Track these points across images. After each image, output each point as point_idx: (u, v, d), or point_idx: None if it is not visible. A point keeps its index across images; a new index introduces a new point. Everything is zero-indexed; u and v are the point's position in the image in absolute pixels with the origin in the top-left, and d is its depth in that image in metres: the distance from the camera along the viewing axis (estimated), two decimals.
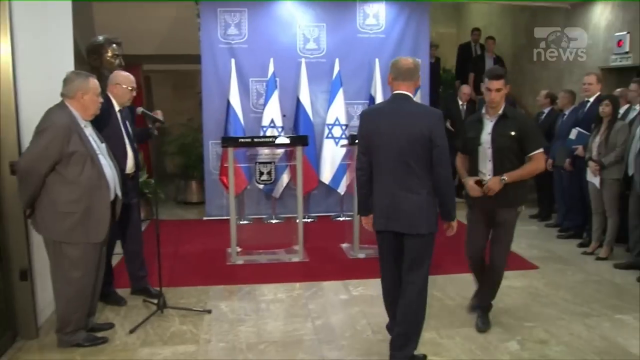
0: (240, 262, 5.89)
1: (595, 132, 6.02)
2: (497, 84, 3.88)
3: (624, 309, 4.67)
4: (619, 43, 7.46)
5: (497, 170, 3.95)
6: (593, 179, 5.99)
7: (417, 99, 7.15)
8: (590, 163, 5.96)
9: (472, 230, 4.16)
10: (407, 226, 3.44)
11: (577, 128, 6.47)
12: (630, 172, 5.55)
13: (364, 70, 7.88)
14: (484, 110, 4.06)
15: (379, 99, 7.54)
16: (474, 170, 4.08)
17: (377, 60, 7.69)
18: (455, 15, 12.18)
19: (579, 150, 6.35)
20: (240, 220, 7.32)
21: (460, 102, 7.93)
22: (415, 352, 3.66)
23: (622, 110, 6.17)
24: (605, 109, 5.87)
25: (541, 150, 3.93)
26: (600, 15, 7.91)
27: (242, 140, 6.07)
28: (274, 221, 7.68)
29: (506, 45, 9.82)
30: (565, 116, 6.93)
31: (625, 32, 7.37)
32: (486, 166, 3.99)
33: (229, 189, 5.96)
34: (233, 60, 7.49)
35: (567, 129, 6.66)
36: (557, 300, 4.88)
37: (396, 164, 3.41)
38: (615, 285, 5.27)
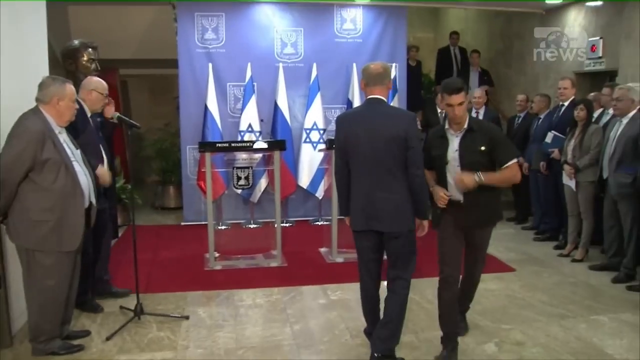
0: (218, 267, 5.86)
1: (570, 136, 6.09)
2: (458, 98, 3.59)
3: (599, 310, 4.75)
4: (593, 48, 7.56)
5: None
6: (569, 182, 6.06)
7: (395, 102, 7.34)
8: (566, 166, 6.04)
9: (448, 248, 3.78)
10: (388, 225, 3.54)
11: (553, 132, 6.54)
12: (605, 175, 5.60)
13: (341, 75, 7.90)
14: (447, 125, 3.77)
15: (356, 103, 7.56)
16: (442, 186, 3.81)
17: (354, 64, 7.69)
18: (432, 20, 12.27)
19: (555, 153, 6.42)
20: (218, 226, 7.29)
21: (439, 110, 7.88)
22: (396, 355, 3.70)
23: (596, 114, 6.26)
24: (580, 113, 5.95)
25: (515, 160, 3.70)
26: (574, 21, 8.02)
27: (220, 145, 6.07)
28: (252, 226, 7.66)
29: (482, 50, 9.91)
30: (541, 120, 7.01)
31: (598, 37, 7.47)
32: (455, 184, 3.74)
33: (207, 194, 5.92)
34: (210, 65, 7.45)
35: (542, 133, 6.74)
36: (534, 302, 4.94)
37: (374, 165, 3.51)
38: (590, 286, 5.35)
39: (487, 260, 4.18)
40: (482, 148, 3.64)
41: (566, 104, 6.61)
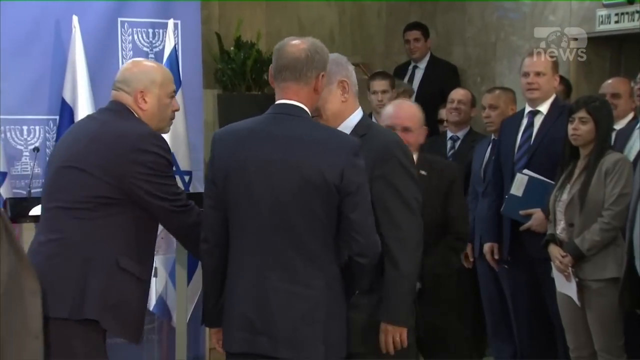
0: None
1: (564, 179, 5.91)
2: None
3: None
4: None
5: None
6: (565, 286, 5.86)
7: (180, 103, 6.97)
8: (554, 251, 5.85)
9: None
10: (285, 344, 3.81)
11: (526, 171, 6.41)
12: None
13: (41, 44, 7.34)
14: None
15: (82, 108, 7.04)
16: None
17: (75, 18, 7.08)
18: None
19: (535, 219, 6.35)
20: None
21: None
22: None
23: (618, 127, 6.35)
24: (579, 128, 5.81)
25: None
26: None
27: None
28: None
29: None
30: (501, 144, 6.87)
31: None
32: None
33: None
34: None
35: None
36: None
37: (273, 231, 3.84)
38: None
39: None
40: None
41: (544, 111, 6.67)
